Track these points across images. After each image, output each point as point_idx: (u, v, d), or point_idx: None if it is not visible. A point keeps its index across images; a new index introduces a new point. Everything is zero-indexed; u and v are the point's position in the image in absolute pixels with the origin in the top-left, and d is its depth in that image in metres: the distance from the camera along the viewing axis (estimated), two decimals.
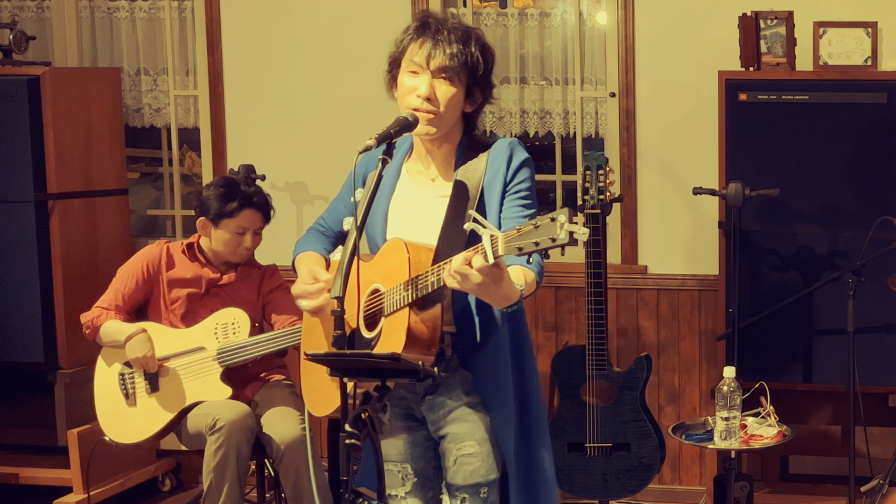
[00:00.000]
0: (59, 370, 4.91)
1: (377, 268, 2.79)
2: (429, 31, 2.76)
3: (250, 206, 4.19)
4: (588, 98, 5.05)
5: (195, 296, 4.21)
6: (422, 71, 2.74)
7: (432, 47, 2.73)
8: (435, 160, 2.86)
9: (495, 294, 2.51)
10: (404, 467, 2.89)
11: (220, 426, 3.95)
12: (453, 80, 2.74)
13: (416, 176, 2.88)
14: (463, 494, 2.83)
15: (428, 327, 2.66)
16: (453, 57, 2.72)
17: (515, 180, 2.78)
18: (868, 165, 4.43)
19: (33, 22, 5.43)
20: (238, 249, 4.20)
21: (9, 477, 4.94)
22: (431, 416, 2.86)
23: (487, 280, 2.44)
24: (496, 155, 2.79)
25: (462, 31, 2.76)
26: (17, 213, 4.81)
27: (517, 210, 2.76)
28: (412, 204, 2.85)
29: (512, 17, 5.11)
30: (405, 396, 2.87)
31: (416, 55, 2.75)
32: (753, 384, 4.32)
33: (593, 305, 4.25)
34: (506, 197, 2.78)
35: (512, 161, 2.78)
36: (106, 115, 5.13)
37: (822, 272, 4.44)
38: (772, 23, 4.49)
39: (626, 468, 4.31)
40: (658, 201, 4.91)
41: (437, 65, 2.73)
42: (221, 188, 4.20)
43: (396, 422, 2.89)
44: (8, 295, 4.85)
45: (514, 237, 2.35)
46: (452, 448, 2.83)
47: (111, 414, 4.19)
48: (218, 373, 4.09)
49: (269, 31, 5.16)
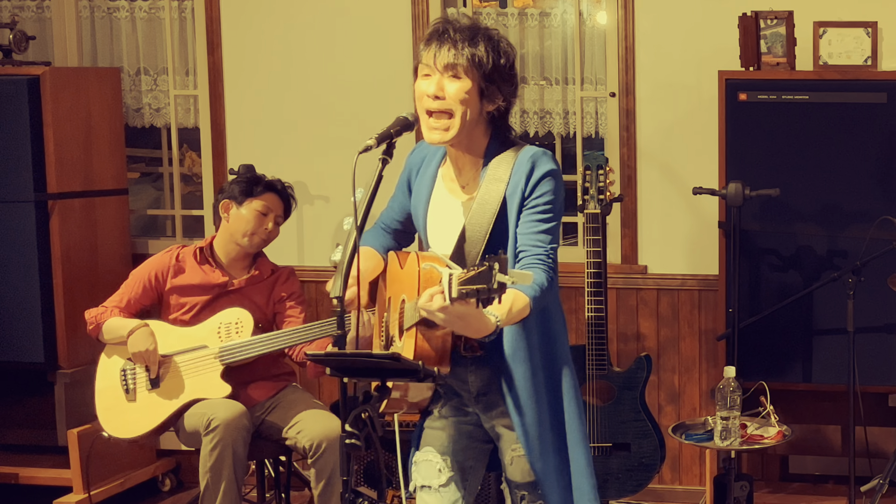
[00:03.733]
0: (59, 370, 4.91)
1: (403, 278, 2.84)
2: (437, 34, 2.78)
3: (274, 191, 4.27)
4: (588, 98, 5.05)
5: (203, 302, 4.19)
6: (432, 72, 2.76)
7: (437, 48, 2.75)
8: (463, 168, 2.86)
9: (464, 329, 2.58)
10: (444, 459, 2.91)
11: (214, 426, 3.95)
12: (460, 76, 2.74)
13: (449, 182, 2.90)
14: (522, 492, 2.91)
15: (434, 344, 2.70)
16: (458, 55, 2.72)
17: (534, 194, 2.76)
18: (868, 165, 4.43)
19: (33, 22, 5.43)
20: (258, 231, 4.21)
21: (9, 477, 4.94)
22: (486, 415, 2.92)
23: (451, 317, 2.49)
24: (519, 167, 2.78)
25: (469, 30, 2.77)
26: (17, 213, 4.81)
27: (532, 225, 2.76)
28: (445, 211, 2.88)
29: (512, 17, 5.11)
30: (459, 392, 2.92)
31: (425, 58, 2.77)
32: (753, 384, 4.32)
33: (593, 305, 4.25)
34: (523, 211, 2.77)
35: (533, 174, 2.77)
36: (106, 115, 5.13)
37: (822, 272, 4.44)
38: (772, 23, 4.49)
39: (626, 468, 4.31)
40: (658, 201, 4.91)
41: (443, 63, 2.74)
42: (248, 175, 4.34)
43: (445, 412, 2.94)
44: (8, 295, 4.85)
45: (463, 280, 2.39)
46: (507, 448, 2.90)
47: (110, 408, 4.18)
48: (219, 370, 4.10)
49: (269, 31, 5.16)
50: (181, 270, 4.22)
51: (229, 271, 4.24)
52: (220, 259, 4.26)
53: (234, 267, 4.26)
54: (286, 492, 4.51)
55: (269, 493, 4.60)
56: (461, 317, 2.51)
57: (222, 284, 4.21)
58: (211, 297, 4.20)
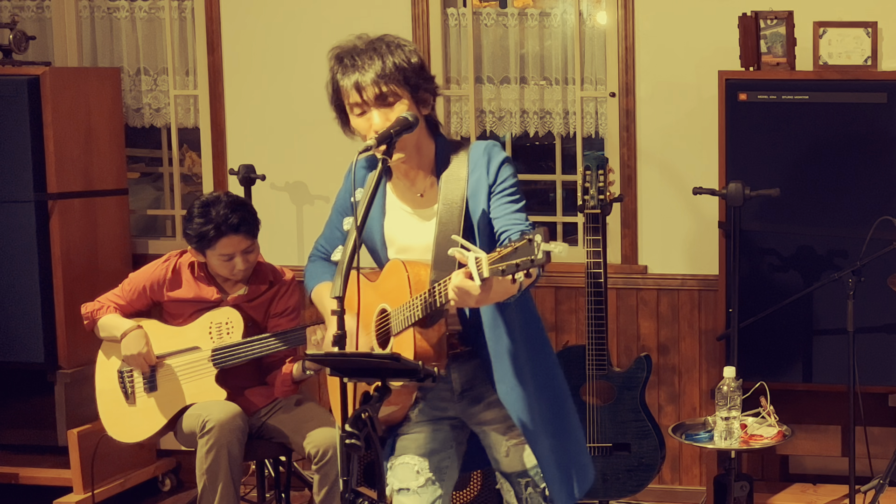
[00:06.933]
0: (59, 370, 4.91)
1: (381, 289, 2.88)
2: (345, 67, 2.79)
3: (228, 232, 4.00)
4: (588, 98, 5.05)
5: (196, 315, 4.18)
6: (365, 108, 2.78)
7: (357, 81, 2.76)
8: (416, 177, 2.90)
9: (495, 299, 2.61)
10: (421, 462, 2.92)
11: (209, 428, 3.95)
12: (395, 98, 2.77)
13: (403, 193, 2.92)
14: (525, 479, 2.92)
15: (432, 342, 2.76)
16: (380, 79, 2.74)
17: (499, 180, 2.83)
18: (868, 165, 4.43)
19: (33, 22, 5.43)
20: (233, 272, 4.10)
21: (9, 477, 4.94)
22: (470, 412, 2.93)
23: (484, 294, 2.53)
24: (475, 162, 2.84)
25: (372, 49, 2.78)
26: (17, 213, 4.81)
27: (506, 207, 2.81)
28: (405, 223, 2.91)
29: (512, 17, 5.11)
30: (440, 395, 2.93)
31: (351, 96, 2.79)
32: (753, 384, 4.32)
33: (593, 305, 4.25)
34: (492, 197, 2.82)
35: (491, 164, 2.83)
36: (106, 115, 5.13)
37: (822, 272, 4.44)
38: (772, 23, 4.49)
39: (626, 468, 4.31)
40: (658, 201, 4.91)
41: (372, 95, 2.75)
42: (199, 218, 4.02)
43: (424, 418, 2.94)
44: (8, 295, 4.85)
45: (496, 259, 2.44)
46: (499, 441, 2.91)
47: (112, 412, 4.20)
48: (213, 375, 4.09)
49: (269, 31, 5.16)
50: (177, 284, 4.18)
51: (224, 287, 4.20)
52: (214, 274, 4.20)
53: (228, 282, 4.20)
54: (286, 492, 4.52)
55: (269, 493, 4.60)
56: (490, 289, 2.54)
57: (216, 301, 4.17)
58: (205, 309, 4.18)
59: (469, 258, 2.48)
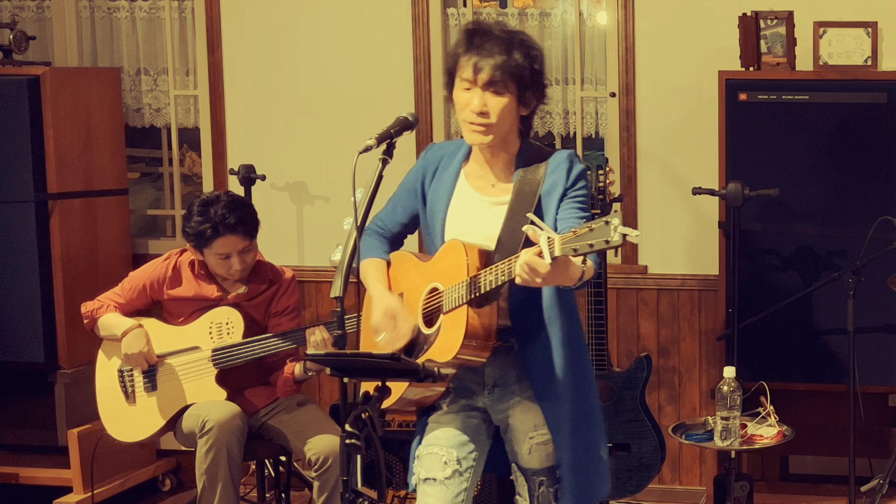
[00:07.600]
0: (59, 370, 4.91)
1: (435, 267, 2.93)
2: (473, 46, 2.87)
3: (226, 231, 3.98)
4: (588, 98, 5.05)
5: (196, 314, 4.18)
6: (472, 86, 2.86)
7: (477, 63, 2.84)
8: (494, 167, 2.97)
9: (559, 281, 2.67)
10: (449, 452, 2.94)
11: (208, 428, 3.95)
12: (502, 91, 2.85)
13: (476, 181, 2.99)
14: (541, 477, 2.96)
15: (484, 324, 2.81)
16: (497, 69, 2.83)
17: (575, 186, 2.92)
18: (868, 165, 4.43)
19: (33, 22, 5.43)
20: (230, 272, 4.09)
21: (9, 477, 4.94)
22: (498, 406, 2.97)
23: (552, 273, 2.58)
24: (555, 166, 2.93)
25: (505, 40, 2.86)
26: (17, 213, 4.81)
27: (573, 212, 2.89)
28: (471, 208, 2.96)
29: (512, 17, 5.11)
30: (471, 388, 2.97)
31: (464, 71, 2.87)
32: (753, 384, 4.32)
33: (593, 305, 4.25)
34: (564, 200, 2.90)
35: (572, 171, 2.93)
36: (106, 115, 5.13)
37: (822, 272, 4.44)
38: (772, 23, 4.50)
39: (626, 468, 4.31)
40: (658, 201, 4.91)
41: (485, 79, 2.84)
42: (198, 216, 4.00)
43: (454, 408, 2.98)
44: (8, 295, 4.85)
45: (571, 239, 2.49)
46: (523, 437, 2.95)
47: (112, 411, 4.20)
48: (213, 375, 4.09)
49: (269, 31, 5.16)
50: (177, 282, 4.18)
51: (224, 285, 4.19)
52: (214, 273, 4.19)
53: (228, 280, 4.19)
54: (286, 492, 4.52)
55: (269, 493, 4.60)
56: (560, 269, 2.59)
57: (216, 300, 4.17)
58: (205, 308, 4.18)
59: (542, 236, 2.52)
